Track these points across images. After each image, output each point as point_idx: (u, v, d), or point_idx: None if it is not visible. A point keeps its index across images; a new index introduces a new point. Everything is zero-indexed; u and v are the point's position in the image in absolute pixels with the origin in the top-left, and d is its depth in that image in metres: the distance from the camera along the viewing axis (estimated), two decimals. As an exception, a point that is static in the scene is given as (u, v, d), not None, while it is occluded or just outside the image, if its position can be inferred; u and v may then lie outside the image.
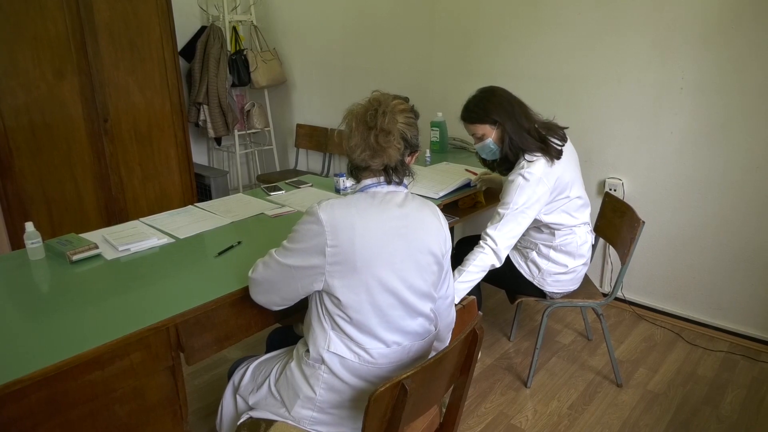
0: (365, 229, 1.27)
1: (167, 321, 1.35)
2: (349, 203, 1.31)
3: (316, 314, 1.36)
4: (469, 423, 2.15)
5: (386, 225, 1.30)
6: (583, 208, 2.18)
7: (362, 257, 1.26)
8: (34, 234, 1.70)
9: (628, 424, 2.13)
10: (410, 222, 1.34)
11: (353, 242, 1.26)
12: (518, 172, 2.01)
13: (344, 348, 1.33)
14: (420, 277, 1.36)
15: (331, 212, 1.27)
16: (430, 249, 1.37)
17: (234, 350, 2.62)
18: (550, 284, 2.21)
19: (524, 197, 1.99)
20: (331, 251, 1.26)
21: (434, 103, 3.50)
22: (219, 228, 1.97)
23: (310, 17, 4.13)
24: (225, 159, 4.83)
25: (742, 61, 2.40)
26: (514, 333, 2.74)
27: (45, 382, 1.18)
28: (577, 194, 2.12)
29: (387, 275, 1.30)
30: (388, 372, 1.36)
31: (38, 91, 3.07)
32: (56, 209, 3.27)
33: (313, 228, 1.27)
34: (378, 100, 1.36)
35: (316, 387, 1.35)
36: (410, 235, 1.33)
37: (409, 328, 1.38)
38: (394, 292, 1.32)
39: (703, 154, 2.59)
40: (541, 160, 2.01)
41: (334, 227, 1.26)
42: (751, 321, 2.64)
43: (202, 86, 4.04)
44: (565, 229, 2.15)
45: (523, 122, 2.03)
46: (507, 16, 3.07)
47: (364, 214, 1.29)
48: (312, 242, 1.27)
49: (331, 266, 1.27)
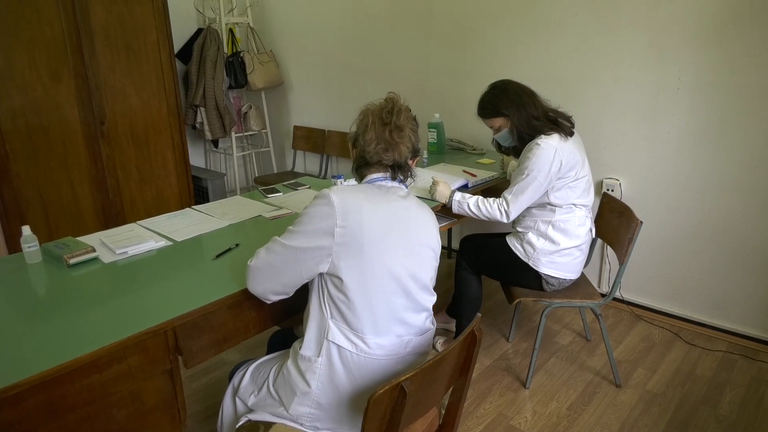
0: (373, 212, 1.33)
1: (165, 324, 1.34)
2: (359, 189, 1.39)
3: (317, 301, 1.37)
4: (468, 424, 2.15)
5: (392, 212, 1.37)
6: (588, 191, 2.24)
7: (369, 239, 1.31)
8: (30, 237, 1.69)
9: (627, 425, 2.13)
10: (412, 214, 1.41)
11: (361, 224, 1.30)
12: (535, 142, 2.15)
13: (342, 337, 1.34)
14: (421, 269, 1.41)
15: (342, 195, 1.33)
16: (430, 244, 1.44)
17: (233, 353, 2.62)
18: (545, 264, 2.23)
19: (539, 163, 2.11)
20: (340, 231, 1.30)
21: (432, 105, 3.50)
22: (217, 230, 1.97)
23: (307, 19, 4.13)
24: (222, 161, 4.82)
25: (738, 61, 2.40)
26: (513, 334, 2.74)
27: (42, 386, 1.17)
28: (584, 174, 2.20)
29: (391, 260, 1.34)
30: (385, 365, 1.37)
31: (34, 93, 3.06)
32: (53, 212, 3.26)
33: (324, 209, 1.31)
34: (393, 100, 1.48)
35: (311, 381, 1.35)
36: (413, 227, 1.40)
37: (409, 320, 1.40)
38: (398, 278, 1.35)
39: (700, 154, 2.60)
40: (555, 135, 2.14)
41: (344, 209, 1.31)
42: (750, 320, 2.64)
43: (198, 88, 4.04)
44: (566, 206, 2.21)
45: (532, 110, 2.17)
46: (504, 17, 3.08)
47: (372, 200, 1.36)
48: (322, 223, 1.31)
49: (339, 246, 1.30)
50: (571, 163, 2.14)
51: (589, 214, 2.28)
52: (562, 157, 2.11)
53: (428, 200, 2.31)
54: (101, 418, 1.29)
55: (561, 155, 2.11)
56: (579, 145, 2.22)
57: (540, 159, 2.10)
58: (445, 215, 2.59)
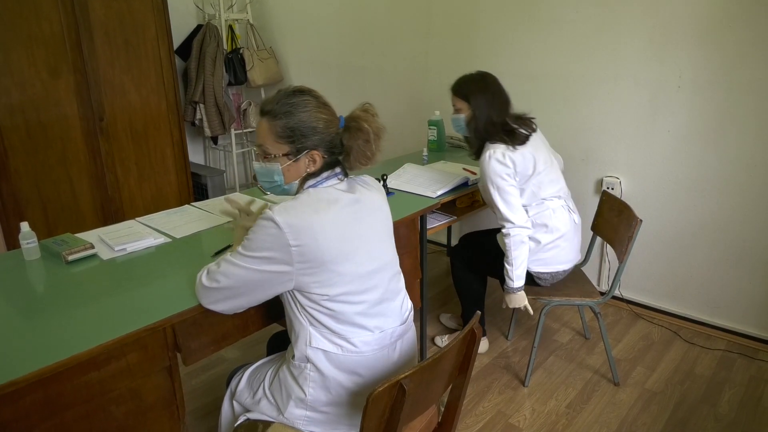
0: (323, 223, 1.27)
1: (164, 321, 1.34)
2: (301, 202, 1.29)
3: (293, 313, 1.36)
4: (467, 422, 2.15)
5: (342, 214, 1.32)
6: (553, 182, 2.24)
7: (328, 250, 1.27)
8: (29, 234, 1.68)
9: (626, 423, 2.13)
10: (365, 206, 1.38)
11: (315, 238, 1.25)
12: (483, 156, 2.18)
13: (326, 342, 1.33)
14: (387, 252, 1.41)
15: (287, 214, 1.25)
16: (384, 221, 1.44)
17: (231, 350, 2.62)
18: (532, 263, 2.24)
19: (495, 172, 2.14)
20: (297, 251, 1.25)
21: (431, 102, 3.50)
22: (216, 227, 1.96)
23: (307, 15, 4.12)
24: (221, 158, 4.81)
25: (738, 59, 2.40)
26: (512, 332, 2.74)
27: (40, 384, 1.17)
28: (541, 169, 2.20)
29: (357, 261, 1.32)
30: (374, 360, 1.37)
31: (33, 89, 3.05)
32: (51, 209, 3.26)
33: (272, 233, 1.24)
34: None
35: (305, 387, 1.35)
36: (367, 220, 1.37)
37: (388, 310, 1.40)
38: (368, 277, 1.34)
39: (700, 152, 2.60)
40: (501, 145, 2.16)
41: (293, 227, 1.24)
42: (749, 319, 2.64)
43: (198, 85, 4.02)
44: (536, 203, 2.22)
45: (494, 115, 2.18)
46: (504, 15, 3.07)
47: (318, 210, 1.29)
48: (275, 248, 1.25)
49: (299, 265, 1.26)
50: (522, 165, 2.16)
51: (565, 203, 2.27)
52: (513, 162, 2.14)
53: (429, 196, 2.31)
54: (100, 415, 1.28)
55: (509, 161, 2.14)
56: (537, 144, 2.22)
57: (493, 169, 2.14)
58: (444, 213, 2.59)
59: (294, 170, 1.36)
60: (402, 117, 3.71)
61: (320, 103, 1.37)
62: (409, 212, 2.10)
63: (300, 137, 1.32)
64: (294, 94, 1.35)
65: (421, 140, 3.53)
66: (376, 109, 1.43)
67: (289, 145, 1.33)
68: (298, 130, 1.32)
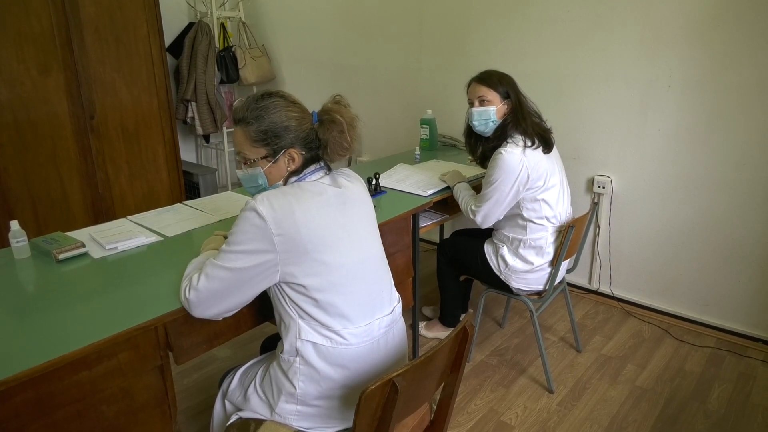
0: (305, 211, 1.30)
1: (155, 320, 1.33)
2: (283, 191, 1.32)
3: (281, 306, 1.36)
4: (459, 420, 2.16)
5: (324, 204, 1.34)
6: (560, 201, 2.20)
7: (311, 239, 1.29)
8: (19, 232, 1.67)
9: (617, 420, 2.15)
10: (347, 198, 1.40)
11: (297, 226, 1.27)
12: (499, 150, 2.11)
13: (315, 334, 1.33)
14: (372, 245, 1.43)
15: (268, 203, 1.27)
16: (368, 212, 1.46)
17: (224, 349, 2.61)
18: (515, 281, 2.26)
19: (505, 172, 2.09)
20: (279, 239, 1.26)
21: (424, 101, 3.50)
22: (208, 226, 1.95)
23: (299, 14, 4.11)
24: (213, 156, 4.79)
25: (728, 58, 2.42)
26: (506, 320, 2.78)
27: (31, 383, 1.16)
28: (554, 183, 2.16)
29: (341, 252, 1.33)
30: (363, 352, 1.37)
31: (22, 87, 3.03)
32: (42, 207, 3.23)
33: (255, 223, 1.26)
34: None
35: (294, 381, 1.35)
36: (349, 211, 1.38)
37: (374, 301, 1.40)
38: (353, 267, 1.35)
39: (690, 151, 2.62)
40: (521, 143, 2.11)
41: (275, 217, 1.26)
42: (738, 317, 2.67)
43: (190, 83, 4.00)
44: (539, 222, 2.18)
45: (528, 113, 2.17)
46: (496, 14, 3.08)
47: (300, 198, 1.31)
48: (258, 238, 1.26)
49: (283, 254, 1.28)
50: (538, 171, 2.10)
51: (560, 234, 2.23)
52: (528, 166, 2.08)
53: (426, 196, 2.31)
54: (91, 415, 1.28)
55: (527, 164, 2.08)
56: (551, 156, 2.19)
57: (505, 168, 2.08)
58: (436, 211, 2.60)
59: (275, 171, 1.40)
60: (394, 116, 3.71)
61: (289, 102, 1.41)
62: (402, 211, 2.10)
63: (274, 138, 1.36)
64: (262, 97, 1.39)
65: (413, 139, 3.53)
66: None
67: (266, 148, 1.37)
68: (271, 132, 1.35)
